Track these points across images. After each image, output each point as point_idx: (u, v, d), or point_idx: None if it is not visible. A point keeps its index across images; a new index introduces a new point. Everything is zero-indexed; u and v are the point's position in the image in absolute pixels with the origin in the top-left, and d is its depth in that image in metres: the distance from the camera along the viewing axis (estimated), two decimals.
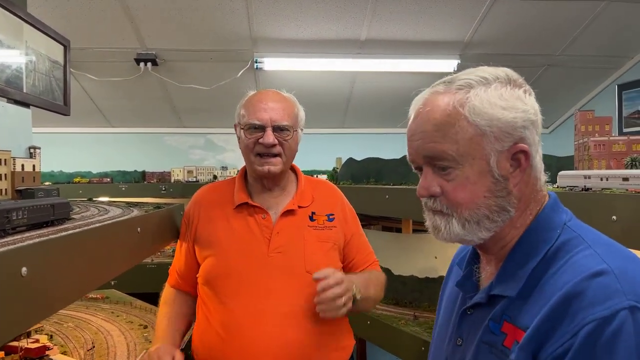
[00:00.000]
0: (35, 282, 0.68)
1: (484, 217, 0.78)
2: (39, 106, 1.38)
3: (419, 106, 0.84)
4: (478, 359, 0.79)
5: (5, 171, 1.07)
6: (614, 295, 0.65)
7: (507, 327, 0.75)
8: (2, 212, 0.76)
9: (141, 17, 3.15)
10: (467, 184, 0.77)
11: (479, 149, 0.77)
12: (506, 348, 0.74)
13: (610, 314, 0.64)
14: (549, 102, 4.51)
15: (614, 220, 1.16)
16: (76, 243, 0.84)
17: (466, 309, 0.86)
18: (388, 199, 2.43)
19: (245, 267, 1.37)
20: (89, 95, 4.11)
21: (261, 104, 1.42)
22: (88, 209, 1.45)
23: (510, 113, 0.77)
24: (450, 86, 0.82)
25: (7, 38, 1.24)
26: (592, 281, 0.67)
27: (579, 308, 0.66)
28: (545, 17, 3.26)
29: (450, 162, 0.78)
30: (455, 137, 0.77)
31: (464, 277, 0.91)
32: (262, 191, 1.48)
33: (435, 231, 0.83)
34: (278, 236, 1.41)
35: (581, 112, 1.84)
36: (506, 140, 0.77)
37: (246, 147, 1.43)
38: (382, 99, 4.38)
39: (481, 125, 0.77)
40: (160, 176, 4.65)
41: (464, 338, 0.85)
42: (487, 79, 0.80)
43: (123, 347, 1.93)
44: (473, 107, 0.77)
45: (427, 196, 0.82)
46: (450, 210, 0.80)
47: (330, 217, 1.50)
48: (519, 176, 0.79)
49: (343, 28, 3.35)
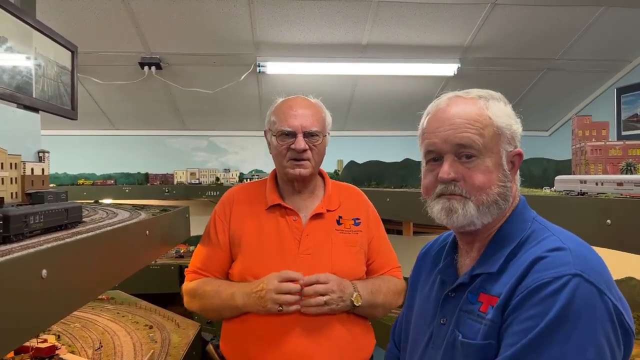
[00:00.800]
0: (54, 284, 0.71)
1: (494, 203, 0.93)
2: (48, 111, 1.41)
3: (445, 104, 0.98)
4: (459, 326, 0.93)
5: (15, 175, 1.09)
6: (565, 264, 0.82)
7: (482, 297, 0.91)
8: (21, 217, 0.79)
9: (146, 21, 3.18)
10: (487, 171, 0.93)
11: (497, 146, 0.94)
12: (482, 313, 0.89)
13: (558, 275, 0.81)
14: (548, 105, 4.54)
15: (608, 224, 1.19)
16: (91, 245, 0.87)
17: (448, 292, 1.00)
18: (389, 202, 2.46)
19: (276, 267, 1.40)
20: (93, 98, 4.15)
21: (291, 111, 1.46)
22: (96, 211, 1.48)
23: (515, 124, 0.97)
24: (470, 94, 0.99)
25: (17, 45, 1.26)
26: (552, 253, 0.85)
27: (537, 270, 0.84)
28: (545, 21, 3.29)
29: (476, 151, 0.92)
30: (483, 131, 0.93)
31: (445, 266, 1.05)
32: (293, 193, 1.53)
33: (450, 213, 0.94)
34: (307, 238, 1.47)
35: (578, 117, 1.86)
36: (512, 144, 0.96)
37: (278, 153, 1.48)
38: (383, 103, 4.41)
39: (501, 126, 0.94)
40: (163, 178, 4.68)
41: (447, 317, 0.98)
42: (495, 96, 0.99)
43: (129, 347, 1.96)
44: (494, 112, 0.95)
45: (449, 180, 0.94)
46: (468, 194, 0.93)
47: (356, 221, 1.55)
48: (513, 175, 0.97)
49: (345, 32, 3.39)
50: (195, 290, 1.49)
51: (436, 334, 1.01)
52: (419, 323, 1.09)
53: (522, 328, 0.81)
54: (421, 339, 1.05)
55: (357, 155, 4.23)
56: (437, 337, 1.00)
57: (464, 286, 0.96)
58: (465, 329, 0.91)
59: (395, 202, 2.44)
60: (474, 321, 0.90)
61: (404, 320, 1.20)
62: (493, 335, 0.86)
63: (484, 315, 0.89)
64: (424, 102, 1.05)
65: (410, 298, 1.19)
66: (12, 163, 1.09)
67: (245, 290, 1.39)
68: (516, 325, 0.82)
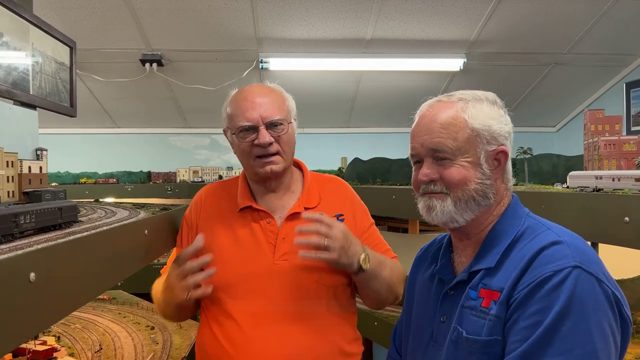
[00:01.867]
0: (43, 287, 0.67)
1: (471, 199, 0.97)
2: (46, 108, 1.38)
3: (425, 109, 1.04)
4: (462, 322, 0.94)
5: (12, 173, 1.07)
6: (564, 257, 0.85)
7: (483, 292, 0.93)
8: (10, 217, 0.75)
9: (146, 17, 3.15)
10: (462, 170, 0.97)
11: (473, 147, 0.97)
12: (485, 308, 0.91)
13: (559, 268, 0.84)
14: (556, 101, 4.48)
15: (626, 221, 1.14)
16: (84, 247, 0.83)
17: (447, 290, 1.02)
18: (395, 199, 2.41)
19: (249, 277, 1.29)
20: (94, 96, 4.12)
21: (247, 102, 1.31)
22: (95, 210, 1.45)
23: (497, 124, 1.00)
24: (452, 98, 1.03)
25: (13, 40, 1.24)
26: (550, 247, 0.88)
27: (538, 265, 0.86)
28: (552, 15, 3.23)
29: (449, 154, 0.97)
30: (456, 135, 0.97)
31: (442, 265, 1.08)
32: (266, 193, 1.39)
33: (429, 210, 1.01)
34: (284, 242, 1.31)
35: (590, 111, 1.81)
36: (493, 143, 0.99)
37: (242, 152, 1.34)
38: (388, 98, 4.37)
39: (477, 127, 0.98)
40: (166, 176, 4.67)
41: (447, 315, 1.01)
42: (479, 97, 1.02)
43: (130, 348, 1.93)
44: (472, 114, 0.99)
45: (428, 181, 1.00)
46: (447, 190, 0.98)
47: (339, 218, 1.37)
48: (498, 172, 1.00)
49: (348, 27, 3.34)
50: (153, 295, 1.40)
51: (437, 332, 1.02)
52: (418, 323, 1.10)
53: (529, 323, 0.83)
54: (422, 338, 1.07)
55: (361, 152, 4.19)
56: (438, 336, 1.02)
57: (463, 283, 0.99)
58: (468, 325, 0.93)
59: (401, 200, 2.40)
60: (476, 317, 0.92)
61: (403, 324, 1.20)
62: (498, 331, 0.88)
63: (486, 310, 0.91)
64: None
65: (408, 302, 1.20)
66: (9, 161, 1.06)
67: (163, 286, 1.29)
68: (522, 321, 0.84)
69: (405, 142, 1.08)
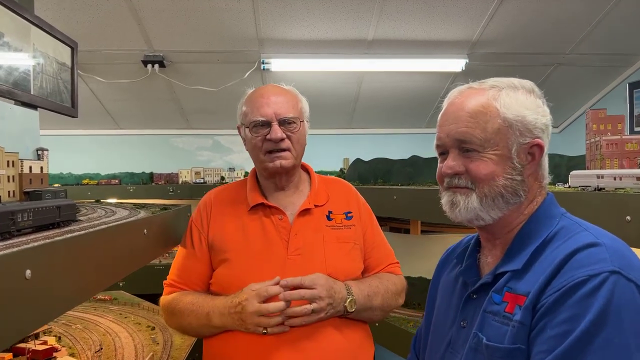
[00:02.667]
0: (39, 285, 0.67)
1: (499, 195, 0.89)
2: (47, 108, 1.38)
3: (454, 97, 0.96)
4: (483, 328, 0.87)
5: (12, 173, 1.07)
6: (601, 261, 0.76)
7: (508, 297, 0.85)
8: (7, 214, 0.75)
9: (148, 18, 3.16)
10: (490, 163, 0.89)
11: (504, 139, 0.89)
12: (508, 313, 0.84)
13: (595, 273, 0.75)
14: (558, 101, 4.44)
15: (628, 220, 1.13)
16: (81, 245, 0.83)
17: (470, 293, 0.95)
18: (396, 200, 2.41)
19: (264, 272, 1.29)
20: (97, 97, 4.13)
21: (263, 99, 1.36)
22: (95, 210, 1.45)
23: (533, 114, 0.91)
24: (484, 84, 0.95)
25: (14, 40, 1.24)
26: (585, 250, 0.79)
27: (570, 268, 0.78)
28: (554, 15, 3.22)
29: (477, 145, 0.89)
30: (485, 125, 0.89)
31: (467, 267, 1.00)
32: (276, 190, 1.43)
33: (453, 206, 0.93)
34: (296, 237, 1.35)
35: (593, 110, 1.81)
36: (527, 135, 0.90)
37: (254, 147, 1.38)
38: (390, 99, 4.36)
39: (509, 118, 0.89)
40: (168, 178, 4.67)
41: (468, 320, 0.93)
42: (515, 85, 0.94)
43: (131, 349, 1.93)
44: (504, 102, 0.90)
45: (452, 174, 0.92)
46: (473, 185, 0.91)
47: (348, 215, 1.44)
48: (532, 168, 0.92)
49: (350, 28, 3.34)
50: (171, 306, 1.37)
51: (455, 337, 0.96)
52: (438, 328, 1.04)
53: (557, 333, 0.75)
54: (440, 343, 1.00)
55: (363, 152, 4.18)
56: (456, 341, 0.95)
57: (487, 286, 0.91)
58: (490, 331, 0.86)
59: (402, 200, 2.39)
60: (499, 323, 0.85)
61: (423, 329, 1.15)
62: (522, 339, 0.80)
63: (510, 316, 0.83)
64: (431, 98, 1.04)
65: (429, 305, 1.14)
66: (9, 161, 1.07)
67: (221, 309, 1.27)
68: (550, 329, 0.76)
69: (407, 142, 1.07)
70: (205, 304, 1.31)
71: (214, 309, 1.28)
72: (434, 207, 1.05)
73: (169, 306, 1.38)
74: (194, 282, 1.40)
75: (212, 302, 1.31)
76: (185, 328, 1.38)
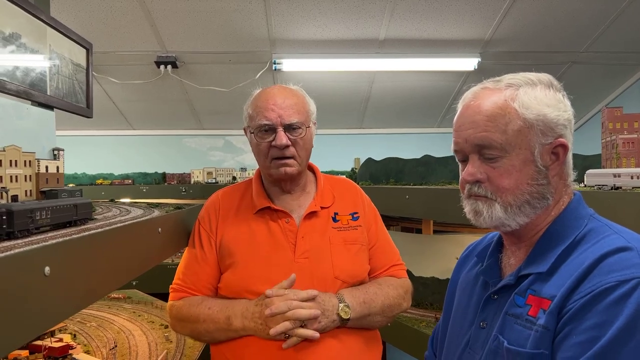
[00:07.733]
0: (58, 281, 0.68)
1: (526, 203, 0.85)
2: (62, 108, 1.40)
3: (469, 99, 0.91)
4: (504, 331, 0.84)
5: (29, 172, 1.08)
6: (632, 266, 0.73)
7: (531, 299, 0.82)
8: (26, 212, 0.77)
9: (161, 20, 3.19)
10: (513, 171, 0.85)
11: (525, 140, 0.84)
12: (531, 317, 0.81)
13: (624, 279, 0.72)
14: (573, 100, 4.33)
15: None
16: (98, 243, 0.84)
17: (491, 294, 0.92)
18: (408, 199, 2.39)
19: (272, 276, 1.28)
20: (110, 98, 4.18)
21: (268, 103, 1.33)
22: (110, 209, 1.47)
23: (554, 111, 0.86)
24: (499, 84, 0.90)
25: (31, 42, 1.25)
26: (616, 254, 0.76)
27: (599, 273, 0.75)
28: (569, 13, 3.18)
29: (498, 150, 0.85)
30: (505, 127, 0.84)
31: (488, 266, 0.97)
32: (282, 194, 1.41)
33: (477, 215, 0.89)
34: (303, 240, 1.34)
35: (609, 108, 1.78)
36: (549, 134, 0.86)
37: (260, 152, 1.36)
38: (401, 99, 4.34)
39: (530, 118, 0.85)
40: (180, 178, 4.71)
41: (488, 321, 0.91)
42: (532, 81, 0.89)
43: (144, 347, 1.95)
44: (523, 102, 0.85)
45: (473, 182, 0.88)
46: (494, 196, 0.86)
47: (354, 215, 1.42)
48: (557, 168, 0.87)
49: (361, 28, 3.33)
50: (182, 312, 1.34)
51: (474, 338, 0.93)
52: (456, 326, 1.02)
53: (583, 339, 0.72)
54: (458, 342, 0.98)
55: (374, 152, 4.17)
56: (475, 342, 0.93)
57: (509, 288, 0.88)
58: (512, 334, 0.83)
59: (414, 200, 2.38)
60: (522, 327, 0.82)
61: (440, 327, 1.13)
62: (545, 344, 0.77)
63: (534, 320, 0.80)
64: (444, 97, 1.01)
65: (448, 303, 1.12)
66: (26, 160, 1.08)
67: (243, 312, 1.26)
68: (576, 336, 0.73)
69: (419, 142, 1.05)
70: (224, 307, 1.30)
71: (234, 312, 1.27)
72: (446, 206, 1.03)
73: (180, 312, 1.35)
74: (203, 286, 1.37)
75: (230, 306, 1.29)
76: (200, 333, 1.34)
